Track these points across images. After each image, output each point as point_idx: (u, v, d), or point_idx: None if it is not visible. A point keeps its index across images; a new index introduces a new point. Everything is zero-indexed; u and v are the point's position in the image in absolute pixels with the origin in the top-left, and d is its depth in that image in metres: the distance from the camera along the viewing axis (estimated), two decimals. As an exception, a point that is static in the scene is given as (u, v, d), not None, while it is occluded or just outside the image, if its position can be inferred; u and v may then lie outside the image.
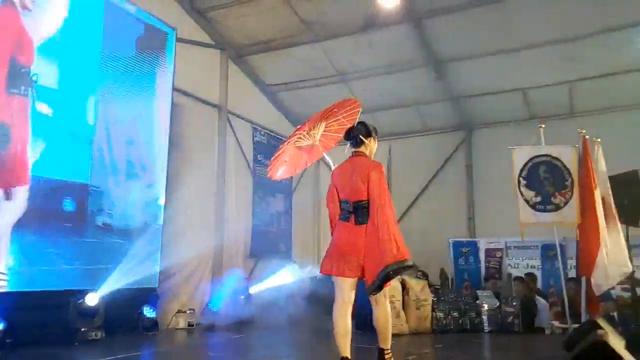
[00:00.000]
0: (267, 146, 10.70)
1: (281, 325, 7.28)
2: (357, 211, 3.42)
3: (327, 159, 4.06)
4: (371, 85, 10.08)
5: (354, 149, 3.65)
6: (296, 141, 4.05)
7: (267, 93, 10.78)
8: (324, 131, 4.06)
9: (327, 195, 3.68)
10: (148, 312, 6.23)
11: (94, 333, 5.42)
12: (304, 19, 8.64)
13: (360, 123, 3.75)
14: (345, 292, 3.42)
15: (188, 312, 6.85)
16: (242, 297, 7.43)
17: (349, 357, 3.34)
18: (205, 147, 8.90)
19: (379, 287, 3.33)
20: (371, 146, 3.68)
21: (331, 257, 3.46)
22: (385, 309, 3.48)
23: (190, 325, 6.75)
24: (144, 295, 6.47)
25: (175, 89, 7.68)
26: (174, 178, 7.73)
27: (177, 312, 6.83)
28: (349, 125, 3.83)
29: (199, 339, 6.30)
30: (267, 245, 10.38)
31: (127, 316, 6.21)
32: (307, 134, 4.00)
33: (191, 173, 8.37)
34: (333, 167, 3.79)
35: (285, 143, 4.09)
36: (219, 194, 9.00)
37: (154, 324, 6.28)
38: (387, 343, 3.46)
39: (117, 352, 4.90)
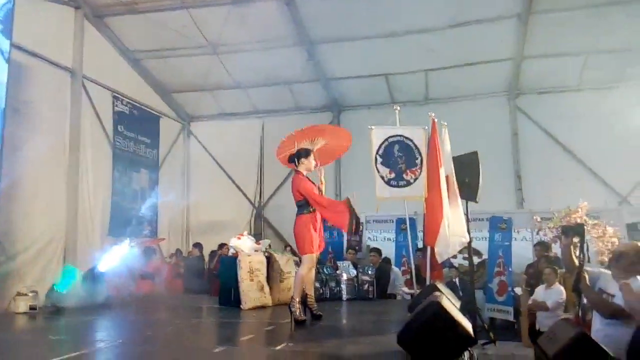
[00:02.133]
0: (130, 117, 10.01)
1: (136, 305, 6.95)
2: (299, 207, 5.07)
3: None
4: (244, 60, 9.92)
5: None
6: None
7: (130, 60, 10.04)
8: (320, 148, 5.57)
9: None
10: (-22, 296, 5.51)
11: None
12: (169, -18, 8.18)
13: (299, 149, 5.28)
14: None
15: (30, 294, 6.19)
16: (94, 277, 6.92)
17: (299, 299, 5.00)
18: (55, 114, 8.07)
19: None
20: (305, 164, 5.19)
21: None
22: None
23: (32, 308, 6.11)
24: (-25, 278, 5.72)
25: (17, 47, 6.79)
26: (15, 146, 6.89)
27: (17, 295, 6.14)
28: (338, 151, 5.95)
29: (41, 322, 5.75)
30: (130, 223, 9.79)
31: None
32: (311, 141, 5.50)
33: (37, 142, 7.52)
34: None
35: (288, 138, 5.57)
36: (72, 167, 8.23)
37: (-14, 309, 5.59)
38: (311, 291, 5.25)
39: None
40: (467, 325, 3.82)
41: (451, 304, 4.17)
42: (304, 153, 5.25)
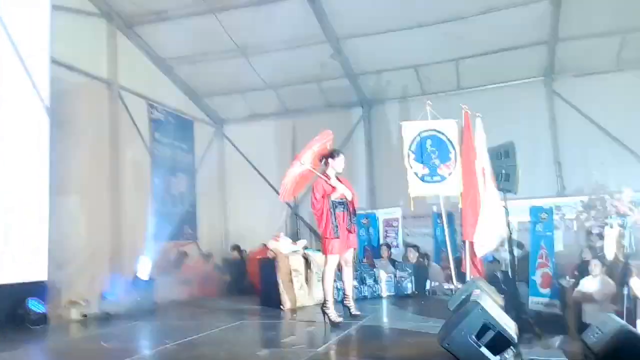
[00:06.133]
0: (166, 123, 10.22)
1: (182, 310, 7.13)
2: None
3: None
4: (273, 61, 9.97)
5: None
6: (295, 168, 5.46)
7: (162, 67, 10.25)
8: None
9: None
10: (34, 305, 5.80)
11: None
12: (196, -12, 8.28)
13: (332, 150, 5.39)
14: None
15: (82, 302, 6.47)
16: (142, 283, 7.15)
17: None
18: (95, 125, 8.33)
19: None
20: (331, 164, 5.26)
21: None
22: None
23: (84, 316, 6.38)
24: (31, 288, 6.02)
25: (55, 62, 7.03)
26: (60, 159, 7.16)
27: (69, 303, 6.42)
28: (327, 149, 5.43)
29: (92, 329, 5.99)
30: (171, 228, 10.02)
31: (12, 311, 5.77)
32: (301, 164, 5.39)
33: (80, 154, 7.80)
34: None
35: (290, 170, 5.47)
36: (113, 175, 8.50)
37: (42, 317, 5.87)
38: (348, 290, 5.43)
39: (-2, 349, 4.54)
40: (510, 324, 3.76)
41: (492, 302, 4.11)
42: (329, 155, 5.33)
